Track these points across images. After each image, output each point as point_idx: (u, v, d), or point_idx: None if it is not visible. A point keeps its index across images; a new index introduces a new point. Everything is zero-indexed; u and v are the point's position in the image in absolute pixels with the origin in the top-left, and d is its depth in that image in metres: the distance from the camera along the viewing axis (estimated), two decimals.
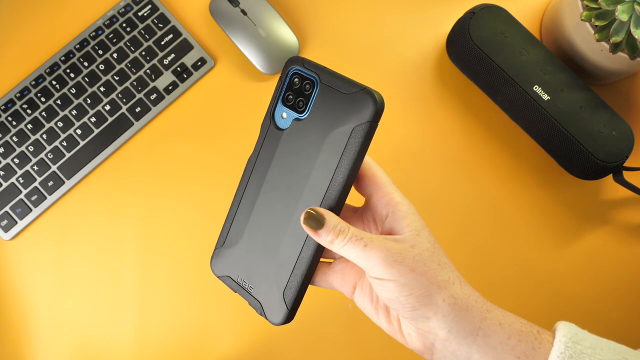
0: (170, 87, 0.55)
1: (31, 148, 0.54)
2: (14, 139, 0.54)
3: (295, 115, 0.32)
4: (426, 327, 0.29)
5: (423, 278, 0.29)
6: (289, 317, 0.32)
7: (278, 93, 0.33)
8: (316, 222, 0.30)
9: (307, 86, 0.32)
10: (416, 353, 0.31)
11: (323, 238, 0.30)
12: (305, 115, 0.32)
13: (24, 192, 0.53)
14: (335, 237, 0.29)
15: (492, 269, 0.53)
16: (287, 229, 0.32)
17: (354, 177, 0.31)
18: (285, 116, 0.33)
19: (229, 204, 0.53)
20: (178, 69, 0.55)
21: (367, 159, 0.33)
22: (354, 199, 0.34)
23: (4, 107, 0.54)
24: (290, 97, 0.33)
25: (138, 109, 0.55)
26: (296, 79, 0.32)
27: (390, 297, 0.29)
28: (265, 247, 0.33)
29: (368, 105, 0.30)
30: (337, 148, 0.30)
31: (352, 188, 0.32)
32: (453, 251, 0.39)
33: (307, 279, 0.32)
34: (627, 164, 0.52)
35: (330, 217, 0.30)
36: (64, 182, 0.54)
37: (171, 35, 0.56)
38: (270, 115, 0.33)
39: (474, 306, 0.29)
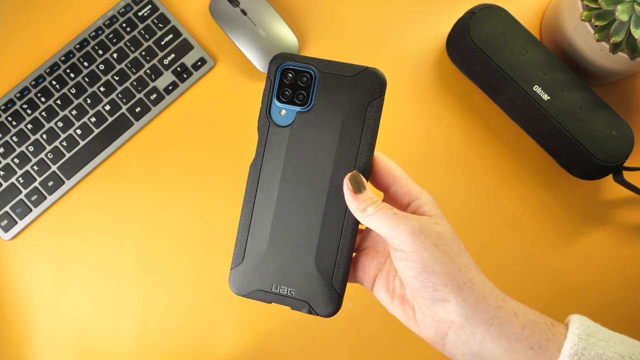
0: (170, 87, 0.55)
1: (31, 148, 0.54)
2: (14, 139, 0.54)
3: (297, 109, 0.33)
4: (443, 312, 0.29)
5: (446, 257, 0.29)
6: (340, 304, 0.33)
7: (270, 92, 0.33)
8: (358, 186, 0.31)
9: (304, 78, 0.33)
10: (428, 342, 0.31)
11: (359, 202, 0.31)
12: (310, 106, 0.33)
13: (24, 192, 0.53)
14: (369, 204, 0.31)
15: (492, 268, 0.53)
16: (320, 220, 0.32)
17: (373, 152, 0.32)
18: (284, 113, 0.33)
19: (229, 203, 0.54)
20: (178, 69, 0.55)
21: (378, 153, 0.33)
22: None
23: (4, 107, 0.54)
24: (287, 92, 0.33)
25: (138, 109, 0.55)
26: (289, 74, 0.33)
27: (413, 274, 0.29)
28: (297, 247, 0.33)
29: (376, 82, 0.32)
30: (356, 128, 0.32)
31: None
32: None
33: (349, 263, 0.33)
34: (627, 164, 0.52)
35: (369, 187, 0.32)
36: (64, 182, 0.54)
37: (171, 35, 0.56)
38: (267, 115, 0.33)
39: (489, 294, 0.30)
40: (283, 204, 0.33)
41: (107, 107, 0.55)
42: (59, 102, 0.54)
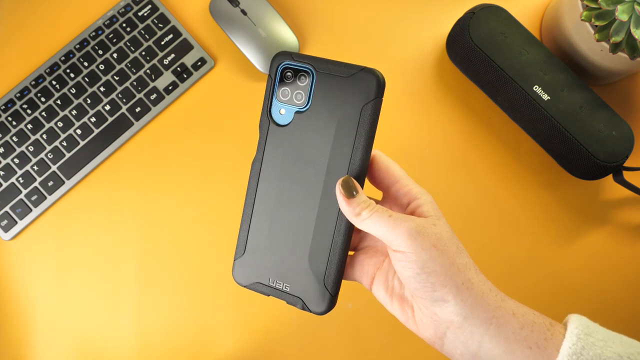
0: (170, 87, 0.55)
1: (31, 148, 0.54)
2: (14, 139, 0.54)
3: (296, 108, 0.33)
4: (442, 312, 0.29)
5: (444, 257, 0.29)
6: (332, 303, 0.33)
7: (271, 90, 0.33)
8: (350, 190, 0.31)
9: (302, 78, 0.32)
10: (427, 342, 0.31)
11: (353, 207, 0.30)
12: (307, 107, 0.32)
13: (24, 192, 0.53)
14: (363, 209, 0.30)
15: (491, 268, 0.53)
16: (314, 220, 0.32)
17: (370, 155, 0.32)
18: (284, 112, 0.33)
19: (229, 203, 0.54)
20: (178, 69, 0.55)
21: (379, 152, 0.33)
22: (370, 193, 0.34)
23: (4, 107, 0.54)
24: (286, 91, 0.33)
25: (138, 109, 0.55)
26: (288, 73, 0.33)
27: (412, 274, 0.29)
28: (292, 244, 0.33)
29: (371, 83, 0.31)
30: (350, 130, 0.31)
31: (367, 182, 0.33)
32: None
33: (343, 263, 0.33)
34: (627, 164, 0.52)
35: (361, 191, 0.31)
36: (64, 182, 0.54)
37: (171, 35, 0.56)
38: (267, 114, 0.33)
39: (488, 294, 0.30)
40: (281, 201, 0.33)
41: (107, 107, 0.55)
42: (59, 102, 0.54)
